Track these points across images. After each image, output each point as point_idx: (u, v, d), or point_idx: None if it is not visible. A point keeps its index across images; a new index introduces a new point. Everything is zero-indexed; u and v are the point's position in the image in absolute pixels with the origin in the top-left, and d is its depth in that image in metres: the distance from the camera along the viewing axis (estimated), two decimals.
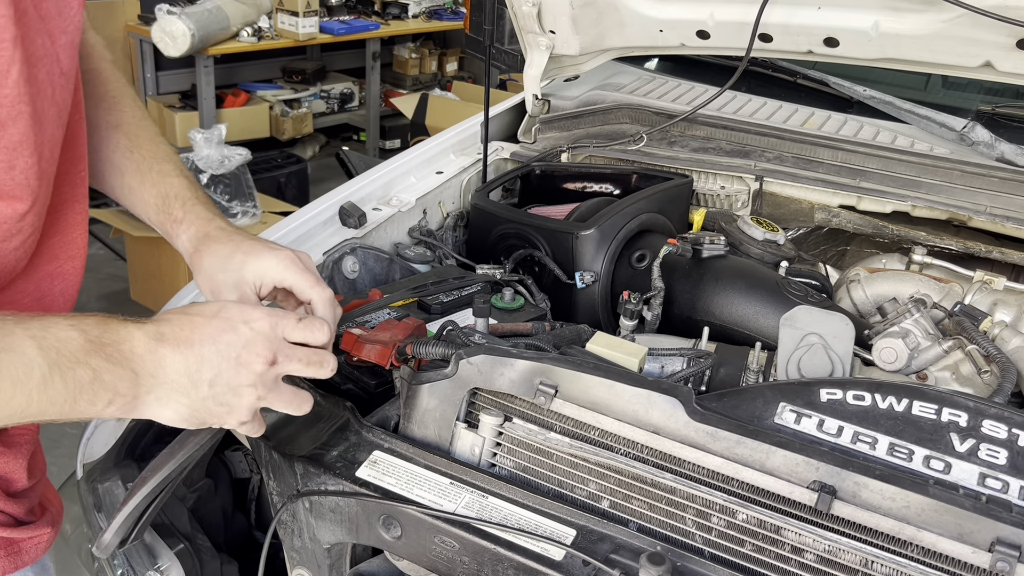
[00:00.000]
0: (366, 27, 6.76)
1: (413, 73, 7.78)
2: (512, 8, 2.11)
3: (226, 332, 0.90)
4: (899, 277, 1.66)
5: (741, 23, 1.92)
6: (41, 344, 0.78)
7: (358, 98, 7.43)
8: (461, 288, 1.62)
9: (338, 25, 6.54)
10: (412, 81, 7.76)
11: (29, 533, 1.06)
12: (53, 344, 0.79)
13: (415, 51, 7.74)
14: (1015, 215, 1.72)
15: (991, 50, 1.73)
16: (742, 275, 1.58)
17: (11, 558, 1.05)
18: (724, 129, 2.01)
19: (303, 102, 6.94)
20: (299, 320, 0.96)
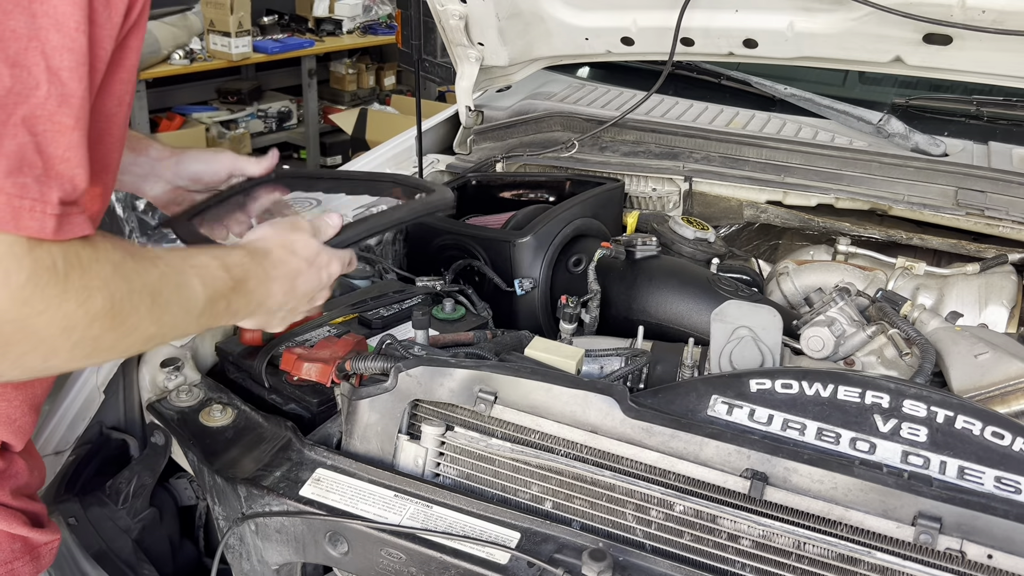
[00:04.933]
0: (300, 45, 6.72)
1: (351, 89, 7.74)
2: (439, 22, 2.13)
3: (313, 279, 1.12)
4: (826, 268, 1.72)
5: (663, 28, 1.97)
6: (203, 282, 0.93)
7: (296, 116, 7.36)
8: (401, 302, 1.63)
9: (272, 44, 6.49)
10: (350, 97, 7.72)
11: (47, 537, 1.07)
12: (210, 283, 0.94)
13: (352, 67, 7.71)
14: (931, 202, 1.79)
15: (900, 45, 1.81)
16: (674, 274, 1.62)
17: (33, 563, 1.05)
18: (653, 132, 2.06)
19: (240, 123, 6.85)
20: (349, 262, 1.19)
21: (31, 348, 0.76)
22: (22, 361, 0.77)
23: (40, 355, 0.78)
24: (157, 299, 0.86)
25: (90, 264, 0.78)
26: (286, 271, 1.07)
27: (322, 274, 1.13)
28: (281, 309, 1.10)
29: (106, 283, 0.79)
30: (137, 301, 0.83)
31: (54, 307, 0.75)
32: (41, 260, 0.73)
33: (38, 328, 0.75)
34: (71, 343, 0.78)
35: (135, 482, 1.37)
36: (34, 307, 0.73)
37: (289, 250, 1.09)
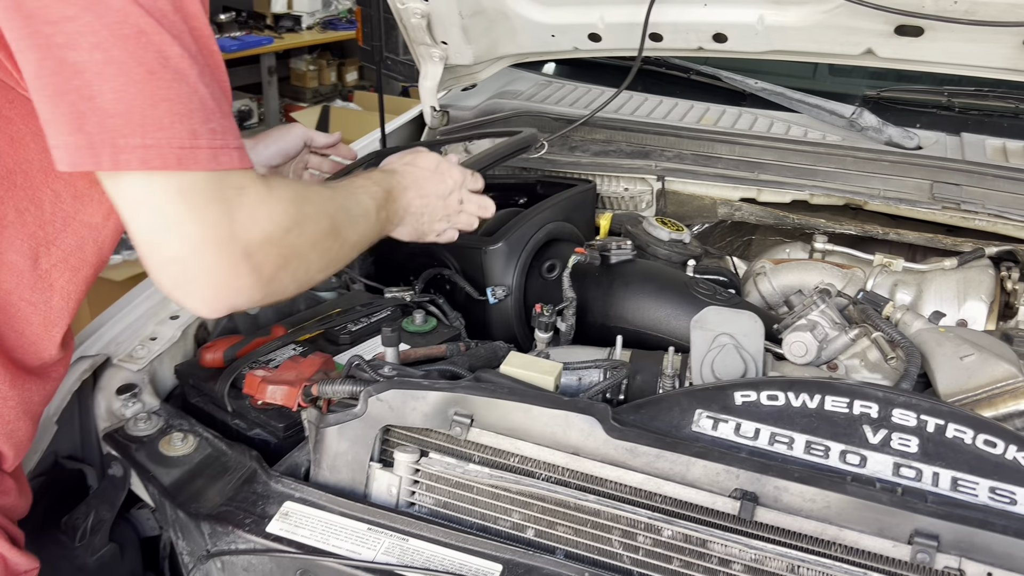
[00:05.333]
0: (259, 42, 6.60)
1: (312, 85, 7.62)
2: (401, 20, 2.06)
3: (440, 183, 1.36)
4: (803, 267, 1.68)
5: (631, 24, 1.92)
6: (368, 195, 1.19)
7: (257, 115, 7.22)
8: (369, 315, 1.57)
9: (229, 42, 6.37)
10: (312, 94, 7.60)
11: (29, 564, 1.06)
12: (372, 195, 1.20)
13: (312, 63, 7.58)
14: (907, 196, 1.77)
15: (871, 37, 1.78)
16: (650, 278, 1.57)
17: None
18: (623, 131, 2.01)
19: None
20: (471, 174, 1.44)
21: (297, 263, 0.98)
22: (296, 274, 0.99)
23: (304, 268, 1.01)
24: (350, 213, 1.13)
25: (312, 194, 1.04)
26: (413, 179, 1.32)
27: (446, 179, 1.37)
28: (424, 214, 1.34)
29: (323, 206, 1.05)
30: (343, 218, 1.09)
31: (308, 226, 1.00)
32: (284, 196, 0.97)
33: (299, 247, 0.98)
34: (319, 254, 1.03)
35: (92, 517, 1.30)
36: (296, 228, 0.97)
37: (411, 164, 1.35)
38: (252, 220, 0.91)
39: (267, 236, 0.92)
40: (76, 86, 0.80)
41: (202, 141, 0.85)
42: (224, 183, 0.88)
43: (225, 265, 0.89)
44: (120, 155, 0.82)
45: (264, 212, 0.92)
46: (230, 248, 0.89)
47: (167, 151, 0.83)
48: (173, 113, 0.83)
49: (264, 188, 0.93)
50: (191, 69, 0.84)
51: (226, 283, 0.91)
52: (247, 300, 0.95)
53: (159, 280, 0.91)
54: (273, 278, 0.95)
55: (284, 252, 0.95)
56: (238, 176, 0.90)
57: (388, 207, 1.24)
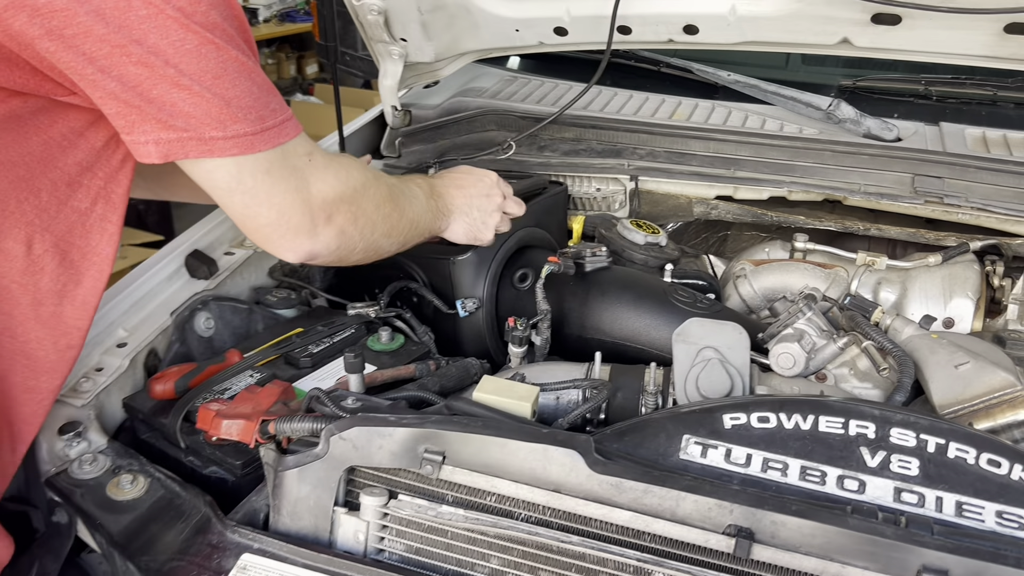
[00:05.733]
0: None
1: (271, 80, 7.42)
2: (357, 17, 1.96)
3: (478, 182, 1.50)
4: (784, 268, 1.62)
5: (598, 17, 1.84)
6: (417, 185, 1.38)
7: None
8: (332, 335, 1.48)
9: None
10: None
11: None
12: (420, 187, 1.38)
13: (271, 56, 7.41)
14: (888, 191, 1.71)
15: (847, 27, 1.71)
16: (628, 287, 1.50)
17: None
18: (594, 128, 1.94)
19: None
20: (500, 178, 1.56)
21: (364, 221, 1.18)
22: (364, 231, 1.19)
23: (370, 227, 1.20)
24: (405, 192, 1.32)
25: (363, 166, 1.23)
26: (451, 179, 1.48)
27: (482, 177, 1.51)
28: (472, 210, 1.47)
29: (379, 177, 1.26)
30: (398, 192, 1.28)
31: (370, 189, 1.20)
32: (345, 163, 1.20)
33: (364, 206, 1.18)
34: (382, 217, 1.22)
35: (36, 568, 1.20)
36: (361, 188, 1.18)
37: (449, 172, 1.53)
38: (324, 180, 1.11)
39: (338, 194, 1.13)
40: (158, 95, 0.95)
41: (269, 122, 1.02)
42: (294, 152, 1.07)
43: (307, 220, 1.09)
44: (205, 146, 0.99)
45: (332, 173, 1.12)
46: (310, 206, 1.09)
47: (244, 139, 1.00)
48: (243, 107, 0.99)
49: (326, 155, 1.13)
50: (246, 63, 1.00)
51: (311, 234, 1.11)
52: (325, 249, 1.14)
53: (255, 239, 1.12)
54: (344, 231, 1.15)
55: (353, 209, 1.15)
56: (302, 144, 1.08)
57: (436, 200, 1.40)
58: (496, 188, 1.52)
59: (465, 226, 1.47)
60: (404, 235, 1.31)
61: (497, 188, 1.52)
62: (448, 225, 1.45)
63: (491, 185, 1.51)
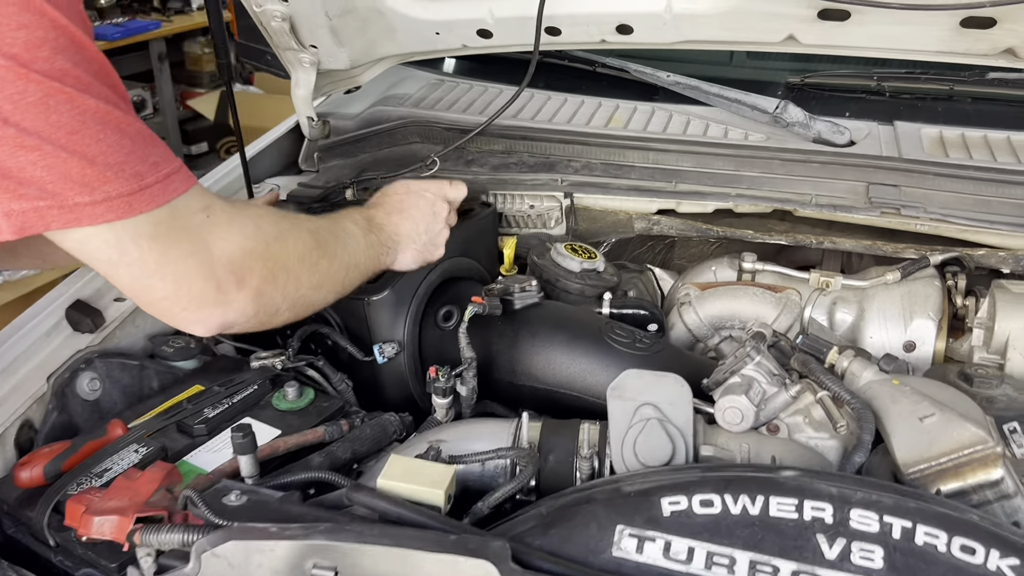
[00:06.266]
0: (145, 27, 6.13)
1: (210, 69, 7.12)
2: (261, 25, 1.78)
3: (419, 199, 1.37)
4: (732, 293, 1.49)
5: (524, 18, 1.68)
6: (352, 221, 1.23)
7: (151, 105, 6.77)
8: (231, 394, 1.32)
9: (112, 29, 5.90)
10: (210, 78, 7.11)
11: None
12: (356, 222, 1.24)
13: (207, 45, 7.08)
14: (841, 201, 1.58)
15: (793, 23, 1.57)
16: (560, 327, 1.36)
17: None
18: (525, 140, 1.78)
19: None
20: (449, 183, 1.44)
21: (286, 277, 1.02)
22: (286, 289, 1.03)
23: (293, 283, 1.04)
24: (336, 233, 1.17)
25: (287, 214, 1.10)
26: (392, 205, 1.35)
27: (423, 195, 1.38)
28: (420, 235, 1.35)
29: (301, 223, 1.10)
30: (326, 235, 1.13)
31: (289, 239, 1.04)
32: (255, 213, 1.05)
33: (284, 260, 1.02)
34: (308, 268, 1.07)
35: None
36: (275, 241, 1.01)
37: (383, 195, 1.39)
38: (227, 238, 0.96)
39: (248, 251, 0.98)
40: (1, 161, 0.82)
41: (149, 178, 0.88)
42: (187, 209, 0.93)
43: (212, 287, 0.95)
44: (70, 214, 0.85)
45: (237, 228, 0.98)
46: (214, 270, 0.95)
47: (118, 201, 0.86)
48: (112, 164, 0.86)
49: (230, 207, 0.99)
50: (111, 113, 0.86)
51: (219, 302, 0.96)
52: (240, 316, 1.00)
53: (154, 314, 0.99)
54: (261, 292, 1.00)
55: (269, 265, 1.00)
56: (196, 198, 0.94)
57: (376, 233, 1.28)
58: (440, 201, 1.41)
59: (415, 253, 1.37)
60: (340, 282, 1.19)
61: (441, 201, 1.41)
62: (395, 258, 1.34)
63: (433, 200, 1.40)
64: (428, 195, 1.40)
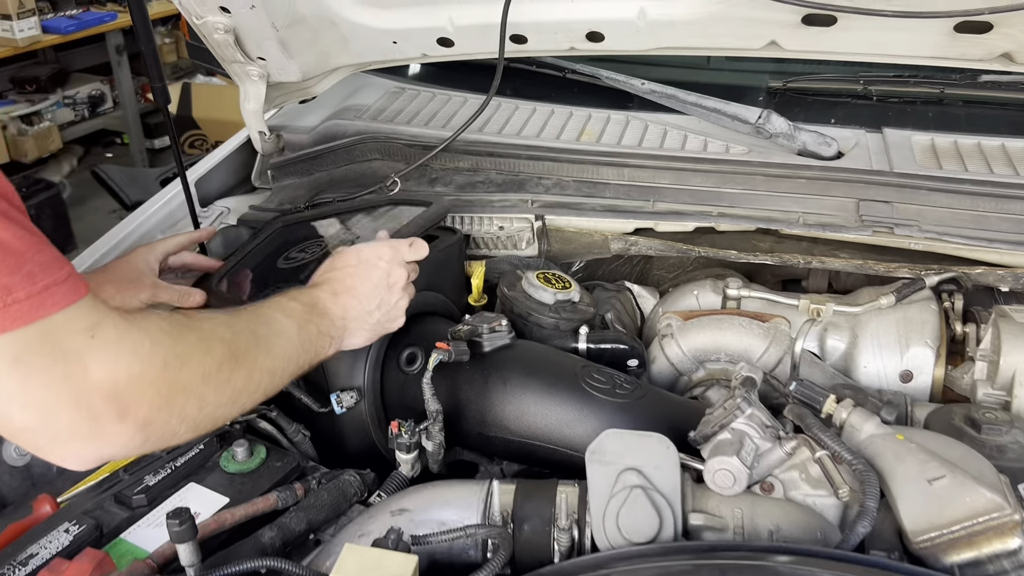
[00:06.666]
0: (100, 19, 5.91)
1: (170, 60, 6.92)
2: (202, 36, 1.65)
3: (372, 271, 1.20)
4: (717, 324, 1.39)
5: (486, 26, 1.56)
6: (284, 313, 1.08)
7: (111, 98, 6.56)
8: (174, 458, 1.20)
9: (66, 22, 5.68)
10: (171, 69, 6.90)
11: None
12: (290, 313, 1.08)
13: (168, 35, 6.87)
14: (830, 219, 1.48)
15: (775, 29, 1.46)
16: (533, 372, 1.25)
17: None
18: (492, 156, 1.66)
19: (44, 114, 6.01)
20: (409, 245, 1.26)
21: (186, 401, 0.88)
22: (184, 412, 0.88)
23: (195, 405, 0.90)
24: (257, 334, 1.01)
25: (196, 323, 0.94)
26: (340, 283, 1.19)
27: (377, 264, 1.21)
28: (371, 313, 1.20)
29: (214, 332, 0.95)
30: (246, 341, 0.98)
31: (194, 358, 0.90)
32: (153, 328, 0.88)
33: (184, 382, 0.88)
34: (217, 386, 0.92)
35: None
36: (175, 361, 0.87)
37: (331, 269, 1.22)
38: (113, 362, 0.82)
39: (134, 376, 0.83)
40: None
41: (20, 292, 0.76)
42: (65, 328, 0.79)
43: (83, 419, 0.80)
44: None
45: (127, 350, 0.83)
46: (87, 401, 0.80)
47: None
48: None
49: (124, 322, 0.84)
50: None
51: (93, 435, 0.82)
52: (122, 448, 0.86)
53: (17, 444, 0.89)
54: (150, 421, 0.85)
55: (163, 391, 0.86)
56: (82, 314, 0.80)
57: (317, 322, 1.12)
58: (395, 266, 1.22)
59: (366, 333, 1.21)
60: (262, 390, 1.02)
61: (397, 266, 1.22)
62: (343, 342, 1.18)
63: (387, 268, 1.21)
64: (382, 264, 1.21)
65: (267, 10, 1.55)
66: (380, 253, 1.22)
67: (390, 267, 1.21)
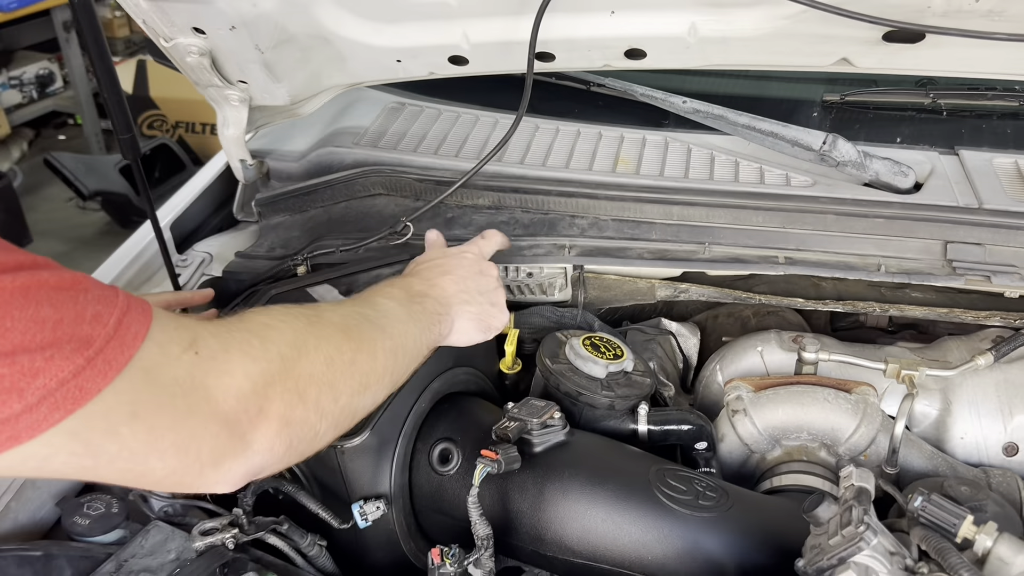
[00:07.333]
0: None
1: (123, 35, 6.53)
2: (173, 60, 1.40)
3: (461, 259, 1.17)
4: (799, 399, 1.20)
5: (507, 43, 1.34)
6: (386, 296, 1.01)
7: (61, 78, 6.19)
8: None
9: None
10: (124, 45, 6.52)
11: None
12: (392, 295, 1.02)
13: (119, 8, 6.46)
14: (915, 265, 1.29)
15: (849, 46, 1.26)
16: (598, 480, 1.05)
17: None
18: (517, 193, 1.44)
19: None
20: (482, 238, 1.24)
21: (319, 392, 0.82)
22: (320, 405, 0.83)
23: (329, 395, 0.84)
24: (369, 316, 0.95)
25: (299, 310, 0.87)
26: (433, 269, 1.13)
27: (466, 255, 1.17)
28: (471, 293, 1.12)
29: (321, 317, 0.89)
30: (357, 321, 0.92)
31: (309, 343, 0.83)
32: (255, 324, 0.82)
33: (311, 372, 0.82)
34: (343, 370, 0.86)
35: None
36: (292, 351, 0.80)
37: (420, 262, 1.17)
38: (227, 373, 0.74)
39: (255, 377, 0.77)
40: None
41: (97, 340, 0.64)
42: (164, 355, 0.69)
43: (226, 438, 0.74)
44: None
45: (237, 354, 0.76)
46: (221, 420, 0.73)
47: (62, 391, 0.62)
48: (36, 346, 0.61)
49: (220, 327, 0.78)
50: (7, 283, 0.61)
51: (239, 451, 0.76)
52: (268, 457, 0.79)
53: (165, 490, 0.86)
54: (289, 419, 0.79)
55: (290, 385, 0.80)
56: (169, 333, 0.71)
57: (421, 303, 1.05)
58: (482, 259, 1.20)
59: (473, 318, 1.12)
60: (390, 375, 0.95)
61: (485, 260, 1.20)
62: (451, 327, 1.10)
63: (475, 258, 1.18)
64: (469, 255, 1.18)
65: (250, 31, 1.31)
66: (463, 248, 1.20)
67: (477, 258, 1.18)
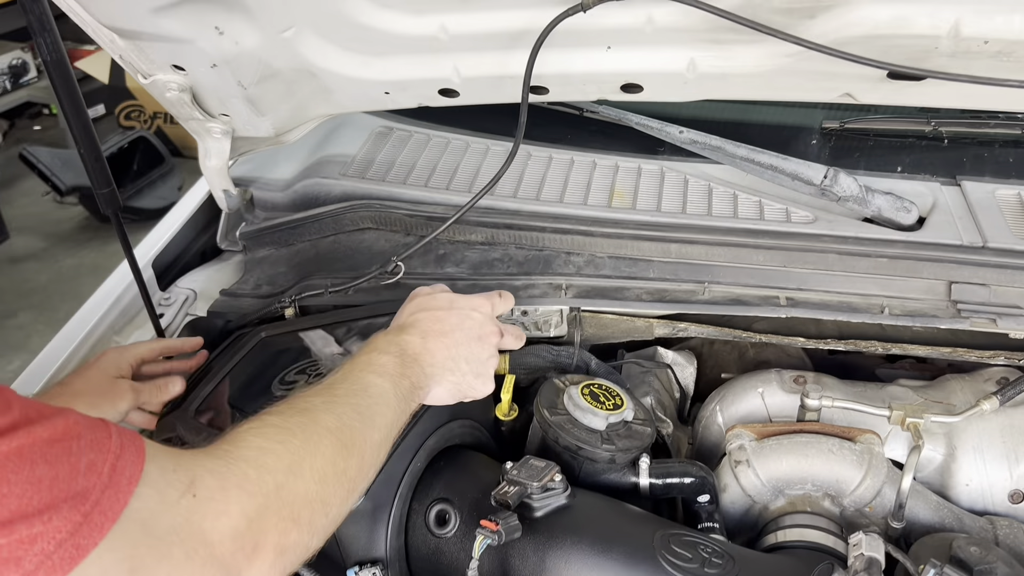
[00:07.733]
0: None
1: None
2: (152, 95, 1.35)
3: (465, 319, 1.08)
4: (803, 450, 1.18)
5: (499, 77, 1.29)
6: (377, 373, 0.96)
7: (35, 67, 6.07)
8: None
9: None
10: None
11: None
12: (382, 371, 0.97)
13: None
14: (918, 306, 1.27)
15: (853, 82, 1.23)
16: (602, 548, 1.02)
17: None
18: (510, 229, 1.41)
19: None
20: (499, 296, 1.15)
21: (311, 512, 0.80)
22: (313, 524, 0.81)
23: (321, 512, 0.82)
24: (360, 410, 0.91)
25: (296, 419, 0.84)
26: (430, 326, 1.06)
27: (470, 313, 1.09)
28: (459, 364, 1.06)
29: (316, 423, 0.85)
30: (350, 421, 0.88)
31: (304, 463, 0.80)
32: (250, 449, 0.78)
33: (304, 493, 0.79)
34: (334, 483, 0.83)
35: None
36: (287, 477, 0.77)
37: (421, 310, 1.09)
38: (224, 513, 0.71)
39: (251, 513, 0.74)
40: None
41: (93, 492, 0.61)
42: (161, 500, 0.66)
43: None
44: None
45: (234, 491, 0.73)
46: (217, 563, 0.71)
47: (59, 553, 0.58)
48: (32, 510, 0.58)
49: (217, 461, 0.74)
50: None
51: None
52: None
53: None
54: (284, 548, 0.77)
55: (285, 513, 0.77)
56: (168, 476, 0.68)
57: (410, 374, 1.00)
58: (488, 321, 1.10)
59: (451, 386, 1.06)
60: (375, 465, 0.92)
61: (489, 321, 1.10)
62: (428, 393, 1.05)
63: (481, 321, 1.09)
64: (476, 315, 1.09)
65: (232, 68, 1.26)
66: (475, 304, 1.11)
67: (484, 320, 1.09)
